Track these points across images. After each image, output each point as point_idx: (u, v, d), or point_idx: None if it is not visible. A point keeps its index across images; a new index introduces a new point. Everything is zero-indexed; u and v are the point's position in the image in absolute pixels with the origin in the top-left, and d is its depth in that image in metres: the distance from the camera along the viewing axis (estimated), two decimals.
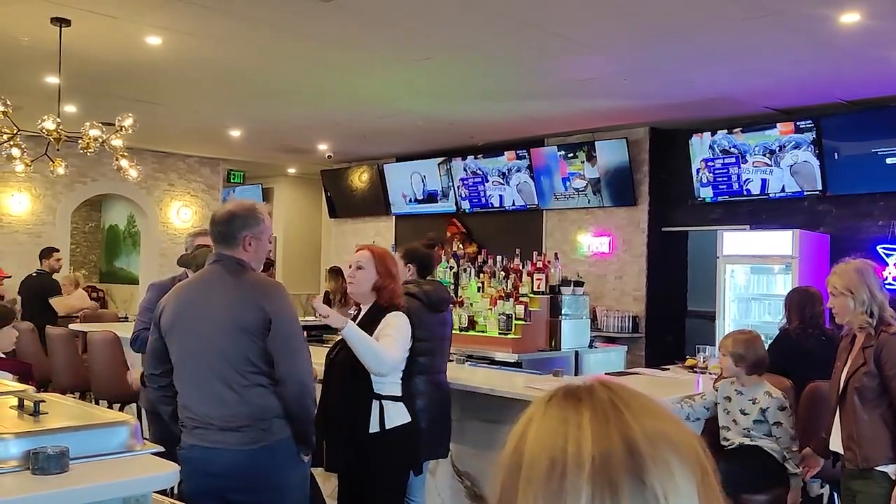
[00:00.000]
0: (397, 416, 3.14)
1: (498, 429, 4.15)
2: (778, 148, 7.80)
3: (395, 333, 3.12)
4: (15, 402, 2.04)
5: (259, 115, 9.03)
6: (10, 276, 9.31)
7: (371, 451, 3.09)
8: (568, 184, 9.43)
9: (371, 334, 3.08)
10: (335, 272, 7.80)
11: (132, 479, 1.75)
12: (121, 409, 5.81)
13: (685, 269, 9.23)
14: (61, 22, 5.69)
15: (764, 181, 7.98)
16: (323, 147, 11.05)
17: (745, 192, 8.13)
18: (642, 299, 9.00)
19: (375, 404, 3.10)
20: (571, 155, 9.33)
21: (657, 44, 5.94)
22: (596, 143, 9.09)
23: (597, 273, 9.19)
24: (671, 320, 9.03)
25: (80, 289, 10.22)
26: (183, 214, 12.19)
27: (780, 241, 7.25)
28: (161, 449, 1.93)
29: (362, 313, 3.31)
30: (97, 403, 5.92)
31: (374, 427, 3.08)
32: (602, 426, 0.73)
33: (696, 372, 5.13)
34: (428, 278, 4.12)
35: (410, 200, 11.34)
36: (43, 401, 1.96)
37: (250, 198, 7.79)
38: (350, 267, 3.30)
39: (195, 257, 3.97)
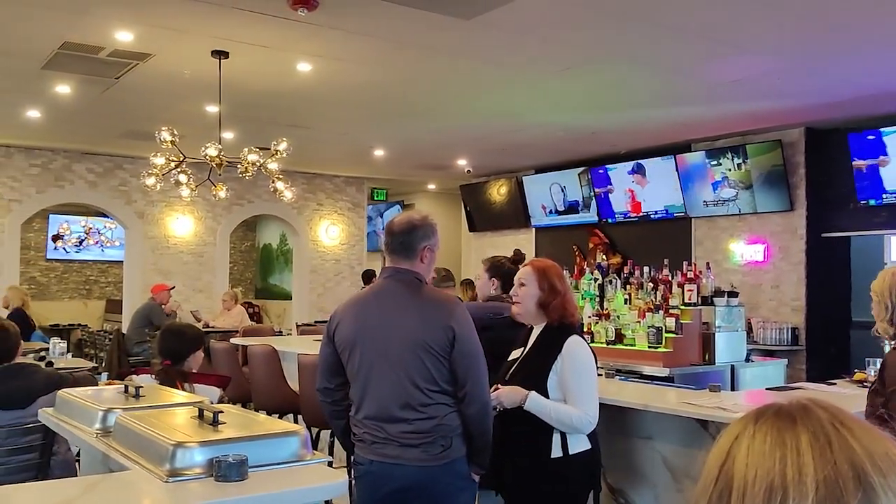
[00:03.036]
0: (578, 442, 3.00)
1: (650, 445, 4.02)
2: None
3: (583, 377, 2.96)
4: (195, 412, 2.17)
5: (402, 134, 9.25)
6: (174, 287, 9.96)
7: (553, 475, 2.97)
8: (717, 190, 9.08)
9: (551, 361, 2.95)
10: (467, 284, 7.87)
11: (306, 487, 1.81)
12: (279, 419, 6.06)
13: (848, 276, 8.65)
14: (221, 54, 6.07)
15: None
16: (462, 162, 11.18)
17: None
18: (802, 310, 8.50)
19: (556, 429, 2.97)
20: (720, 160, 8.98)
21: (812, 39, 5.63)
22: (747, 146, 8.71)
23: (751, 283, 8.78)
24: (834, 332, 8.48)
25: (239, 305, 10.83)
26: (331, 232, 12.65)
27: None
28: (331, 459, 1.99)
29: (534, 335, 3.15)
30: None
31: (556, 452, 2.95)
32: (824, 450, 0.67)
33: (866, 387, 4.78)
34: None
35: (550, 212, 11.27)
36: (221, 411, 2.07)
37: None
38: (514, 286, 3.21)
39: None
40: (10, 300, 7.61)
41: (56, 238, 14.31)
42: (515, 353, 3.19)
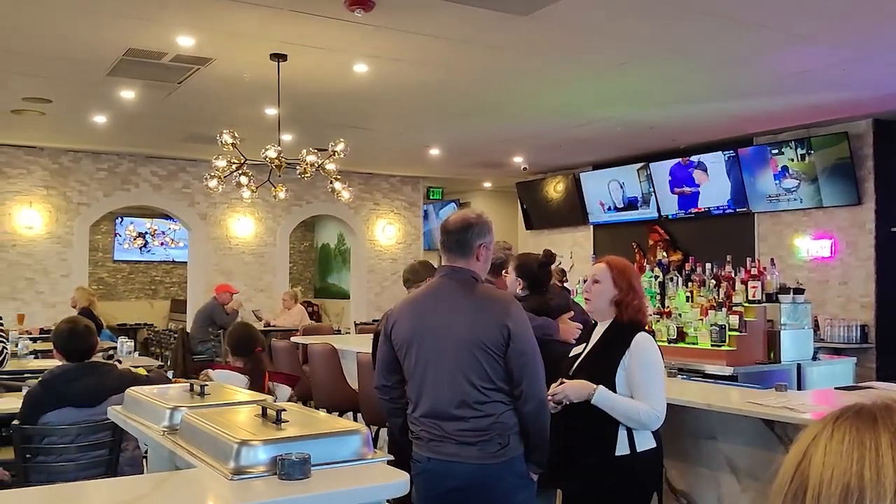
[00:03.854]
0: (645, 439, 2.95)
1: (714, 445, 3.95)
2: None
3: (652, 372, 2.91)
4: (259, 410, 2.20)
5: (457, 132, 9.26)
6: (238, 292, 10.15)
7: (619, 474, 2.92)
8: (781, 184, 8.85)
9: (619, 357, 2.91)
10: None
11: (368, 486, 1.82)
12: (340, 417, 6.13)
13: None
14: (279, 57, 6.15)
15: None
16: (518, 159, 11.14)
17: None
18: (871, 306, 8.24)
19: (623, 426, 2.91)
20: (784, 153, 8.75)
21: (880, 28, 5.44)
22: (811, 139, 8.47)
23: (818, 279, 8.54)
24: None
25: (299, 304, 10.98)
26: (388, 232, 12.74)
27: None
28: (391, 458, 2.00)
29: (599, 332, 3.11)
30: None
31: (622, 450, 2.89)
32: None
33: None
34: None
35: (609, 209, 11.14)
36: (284, 409, 2.10)
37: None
38: (585, 282, 3.17)
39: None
40: (77, 300, 7.86)
41: (122, 240, 14.73)
42: (577, 350, 3.16)
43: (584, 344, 3.15)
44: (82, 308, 7.54)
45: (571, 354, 3.16)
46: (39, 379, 3.78)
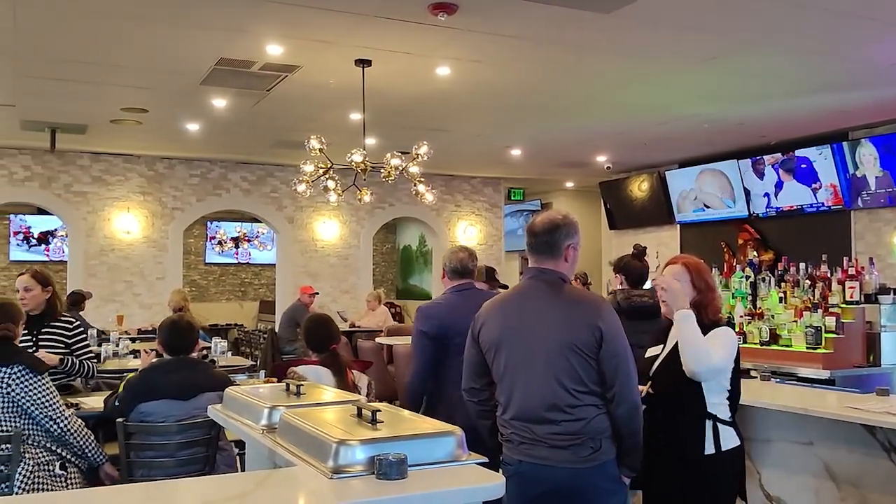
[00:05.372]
0: (730, 437, 2.92)
1: (810, 451, 3.83)
2: None
3: (723, 342, 2.91)
4: (354, 410, 2.25)
5: (539, 133, 9.22)
6: (316, 293, 10.35)
7: (705, 473, 2.89)
8: (880, 180, 8.49)
9: None
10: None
11: (464, 488, 1.83)
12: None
13: None
14: (364, 63, 6.26)
15: None
16: (601, 158, 11.01)
17: None
18: None
19: (708, 423, 2.89)
20: (884, 148, 8.39)
21: None
22: None
23: None
24: None
25: (382, 305, 11.13)
26: (469, 233, 12.78)
27: None
28: (485, 460, 2.00)
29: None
30: None
31: (709, 448, 2.86)
32: None
33: None
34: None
35: (696, 207, 10.90)
36: (379, 410, 2.14)
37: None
38: (660, 282, 3.13)
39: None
40: (171, 302, 8.20)
41: (213, 243, 15.24)
42: (654, 350, 3.11)
43: (661, 345, 3.10)
44: (176, 309, 7.83)
45: (648, 355, 3.11)
46: (141, 369, 3.97)
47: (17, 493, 3.27)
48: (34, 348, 4.18)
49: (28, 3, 5.09)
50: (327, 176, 6.80)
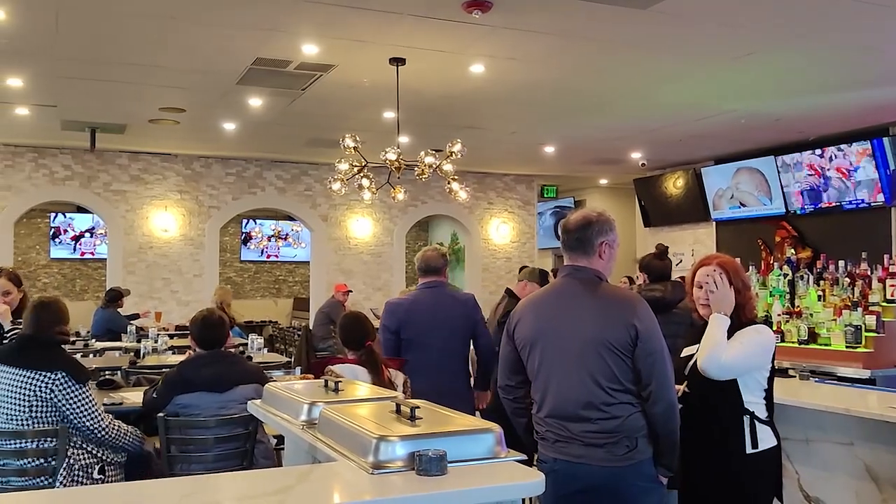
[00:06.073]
0: (767, 437, 2.89)
1: (851, 451, 3.78)
2: None
3: (746, 342, 2.88)
4: (392, 406, 2.27)
5: (573, 130, 9.18)
6: (351, 291, 10.42)
7: (742, 473, 2.87)
8: None
9: None
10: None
11: (504, 485, 1.84)
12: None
13: None
14: (398, 62, 6.28)
15: None
16: (636, 155, 10.93)
17: None
18: None
19: (746, 420, 2.87)
20: None
21: None
22: None
23: None
24: None
25: None
26: (502, 231, 12.76)
27: None
28: (524, 457, 2.01)
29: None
30: None
31: (748, 447, 2.85)
32: None
33: None
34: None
35: (732, 205, 10.77)
36: (418, 406, 2.15)
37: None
38: (700, 282, 3.11)
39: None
40: (215, 298, 8.38)
41: (248, 241, 15.40)
42: (690, 350, 3.09)
43: (696, 345, 3.07)
44: (220, 305, 7.98)
45: (684, 355, 3.09)
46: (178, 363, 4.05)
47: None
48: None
49: (70, 6, 5.19)
50: (361, 174, 6.84)
